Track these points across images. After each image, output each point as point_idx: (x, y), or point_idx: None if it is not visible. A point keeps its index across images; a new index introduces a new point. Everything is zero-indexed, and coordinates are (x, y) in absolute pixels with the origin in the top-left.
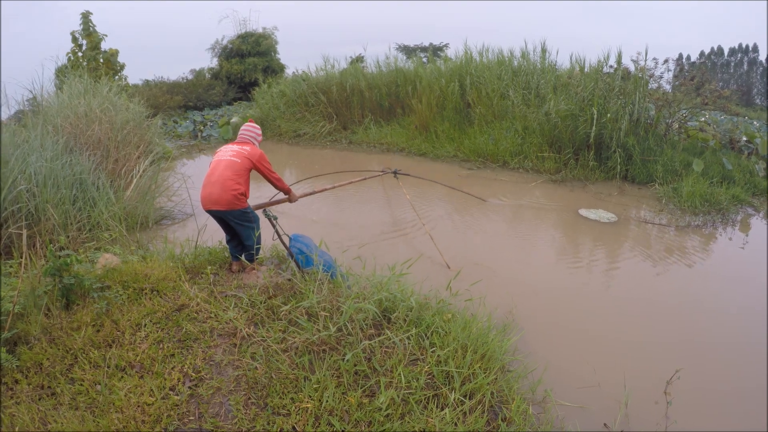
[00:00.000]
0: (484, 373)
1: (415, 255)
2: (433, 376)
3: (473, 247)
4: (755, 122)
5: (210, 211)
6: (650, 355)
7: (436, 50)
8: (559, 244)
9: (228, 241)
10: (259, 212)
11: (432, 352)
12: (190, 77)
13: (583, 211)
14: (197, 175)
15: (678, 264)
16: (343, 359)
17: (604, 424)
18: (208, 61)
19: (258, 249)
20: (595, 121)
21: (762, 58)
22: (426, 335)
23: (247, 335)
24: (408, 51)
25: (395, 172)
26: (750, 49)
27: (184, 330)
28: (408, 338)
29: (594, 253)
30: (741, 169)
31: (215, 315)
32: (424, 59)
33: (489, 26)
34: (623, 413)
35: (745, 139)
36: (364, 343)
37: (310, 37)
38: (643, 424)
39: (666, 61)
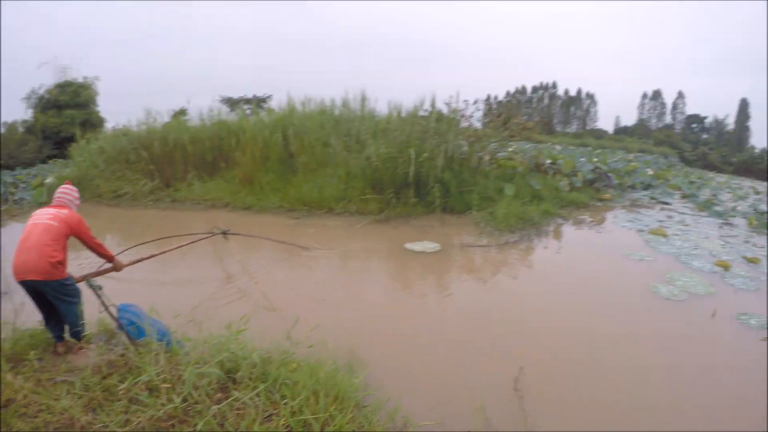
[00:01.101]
0: (341, 413)
1: (251, 310)
2: (291, 427)
3: (308, 293)
4: (557, 146)
5: (24, 282)
6: (493, 360)
7: (260, 102)
8: (391, 277)
9: (46, 322)
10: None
11: (285, 404)
12: (0, 131)
13: (408, 245)
14: (9, 246)
15: (502, 276)
16: (195, 430)
17: None
18: (21, 113)
19: (83, 325)
20: (412, 161)
21: (560, 92)
22: (275, 389)
23: (87, 423)
24: (232, 103)
25: (224, 233)
26: (550, 86)
27: (14, 430)
28: (257, 395)
29: (423, 280)
30: (548, 187)
31: (47, 407)
32: (248, 111)
33: (310, 79)
34: (482, 417)
35: (549, 161)
36: (214, 408)
37: (132, 89)
38: (503, 421)
39: (476, 101)
